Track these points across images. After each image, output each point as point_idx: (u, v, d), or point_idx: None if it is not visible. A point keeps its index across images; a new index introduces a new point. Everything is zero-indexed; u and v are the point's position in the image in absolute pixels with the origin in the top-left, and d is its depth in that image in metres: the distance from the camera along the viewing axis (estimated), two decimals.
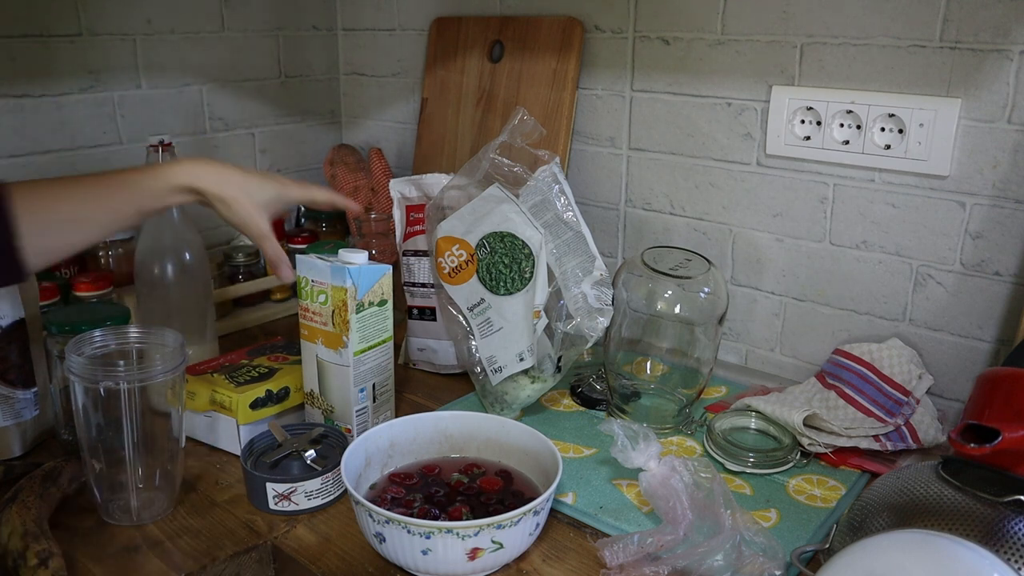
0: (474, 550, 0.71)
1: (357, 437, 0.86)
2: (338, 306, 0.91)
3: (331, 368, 0.93)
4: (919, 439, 0.92)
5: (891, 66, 0.97)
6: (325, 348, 0.93)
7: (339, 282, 0.90)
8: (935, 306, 1.00)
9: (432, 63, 1.39)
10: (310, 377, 0.96)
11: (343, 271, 0.90)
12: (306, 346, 0.95)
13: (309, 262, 0.92)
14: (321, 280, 0.91)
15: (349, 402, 0.93)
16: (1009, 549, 0.59)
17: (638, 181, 1.22)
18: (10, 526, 0.75)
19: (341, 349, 0.92)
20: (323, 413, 0.95)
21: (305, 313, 0.94)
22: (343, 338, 0.91)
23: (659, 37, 1.14)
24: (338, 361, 0.92)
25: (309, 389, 0.96)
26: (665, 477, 0.78)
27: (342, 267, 0.90)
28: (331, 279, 0.91)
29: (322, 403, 0.95)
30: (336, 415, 0.95)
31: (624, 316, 1.00)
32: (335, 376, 0.93)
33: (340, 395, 0.94)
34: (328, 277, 0.91)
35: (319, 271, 0.92)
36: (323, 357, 0.93)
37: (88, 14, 1.23)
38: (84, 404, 0.79)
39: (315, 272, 0.92)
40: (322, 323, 0.92)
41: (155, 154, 1.00)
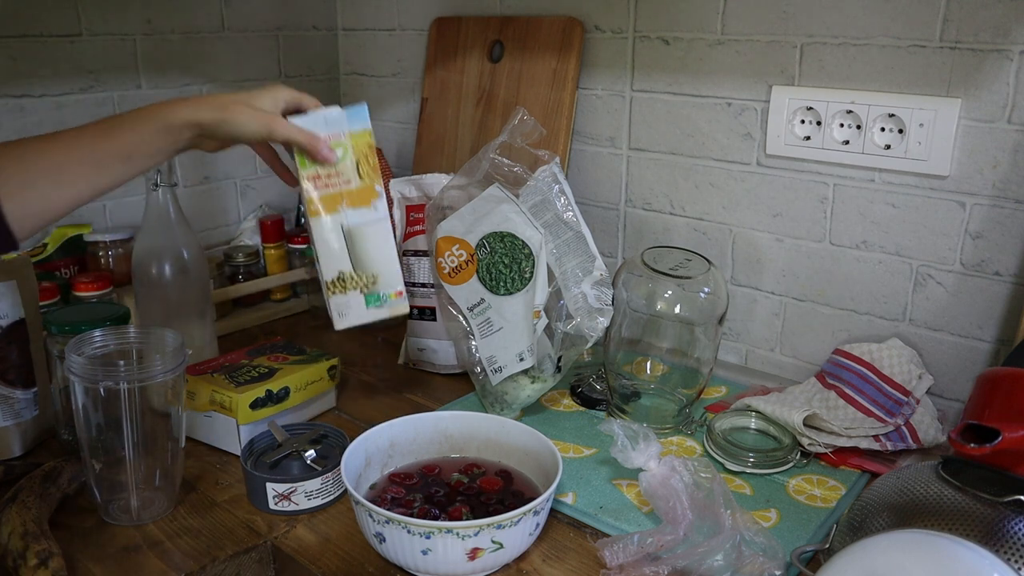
0: (474, 550, 0.71)
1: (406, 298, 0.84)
2: (363, 153, 0.83)
3: (365, 231, 0.84)
4: (919, 439, 0.92)
5: (891, 66, 0.97)
6: (353, 210, 0.84)
7: (359, 126, 0.83)
8: (935, 306, 1.00)
9: (432, 63, 1.39)
10: (334, 258, 0.85)
11: (360, 112, 0.83)
12: (323, 223, 0.84)
13: (310, 119, 0.83)
14: (336, 132, 0.83)
15: (393, 259, 0.86)
16: (1009, 549, 0.59)
17: (638, 181, 1.22)
18: (10, 526, 0.75)
19: (375, 201, 0.84)
20: (362, 291, 0.86)
21: (318, 182, 0.83)
22: (375, 187, 0.84)
23: (659, 37, 1.14)
24: (372, 218, 0.84)
25: (336, 274, 0.85)
26: (665, 477, 0.78)
27: (357, 109, 0.83)
28: (349, 125, 0.83)
29: (359, 280, 0.86)
30: (381, 284, 0.86)
31: (624, 316, 1.00)
32: (372, 237, 0.85)
33: (383, 256, 0.85)
34: (344, 125, 0.83)
35: (331, 123, 0.83)
36: (352, 222, 0.84)
37: (88, 14, 1.23)
38: (84, 404, 0.79)
39: (326, 126, 0.83)
40: (344, 182, 0.84)
41: None
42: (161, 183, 1.01)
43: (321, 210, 0.84)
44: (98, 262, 1.22)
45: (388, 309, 0.88)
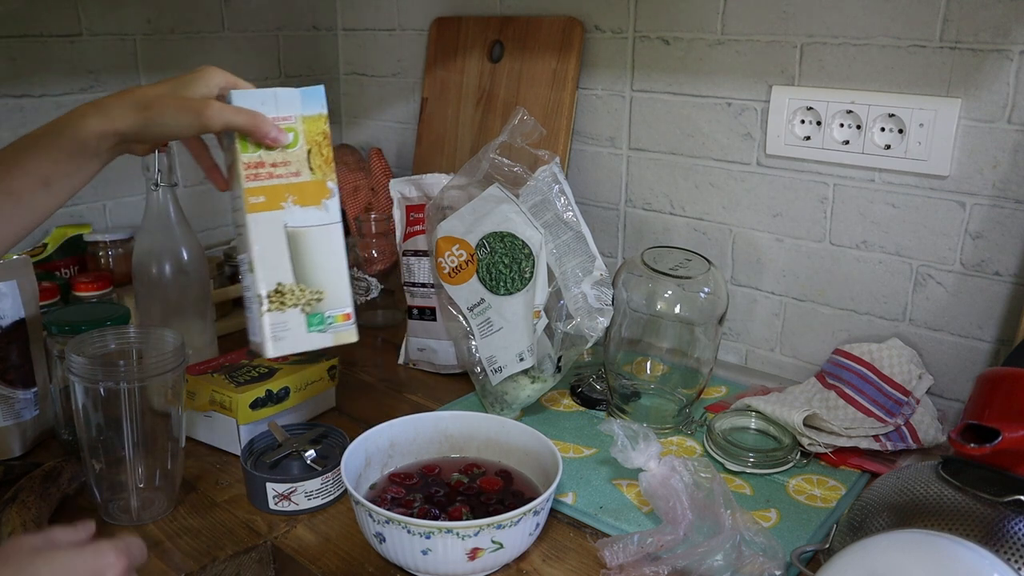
0: (474, 550, 0.71)
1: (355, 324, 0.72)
2: (316, 142, 0.71)
3: (313, 235, 0.71)
4: (919, 439, 0.92)
5: (891, 66, 0.97)
6: (300, 208, 0.70)
7: (314, 109, 0.71)
8: (935, 306, 1.00)
9: (432, 63, 1.39)
10: (274, 266, 0.70)
11: (316, 94, 0.71)
12: (263, 221, 0.70)
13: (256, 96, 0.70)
14: (287, 114, 0.70)
15: (344, 273, 0.72)
16: (1009, 549, 0.59)
17: (638, 181, 1.22)
18: (10, 526, 0.75)
19: (327, 200, 0.71)
20: (304, 310, 0.71)
21: (259, 171, 0.70)
22: (328, 184, 0.71)
23: (659, 37, 1.14)
24: (322, 220, 0.71)
25: (274, 286, 0.70)
26: (665, 477, 0.78)
27: (313, 90, 0.71)
28: (302, 108, 0.71)
29: (301, 295, 0.71)
30: (327, 302, 0.72)
31: (624, 316, 1.00)
32: (321, 243, 0.71)
33: (332, 269, 0.72)
34: (297, 107, 0.71)
35: (282, 103, 0.70)
36: (298, 223, 0.70)
37: (88, 14, 1.23)
38: (84, 404, 0.79)
39: (276, 106, 0.70)
40: (292, 173, 0.71)
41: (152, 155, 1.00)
42: (161, 183, 1.01)
43: (260, 204, 0.70)
44: (98, 262, 1.22)
45: (332, 335, 0.73)
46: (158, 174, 1.00)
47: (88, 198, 1.29)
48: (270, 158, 0.70)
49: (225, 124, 0.70)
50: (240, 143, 0.71)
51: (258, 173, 0.70)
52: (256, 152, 0.70)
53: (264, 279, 0.70)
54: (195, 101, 0.70)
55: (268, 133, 0.70)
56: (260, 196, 0.70)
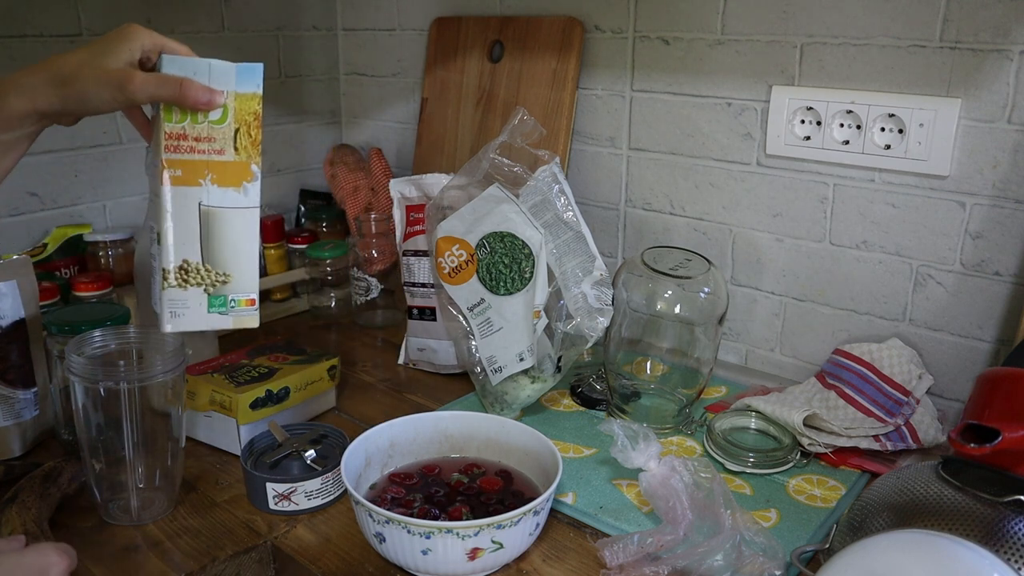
0: (474, 550, 0.71)
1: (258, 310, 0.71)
2: (245, 122, 0.70)
3: (227, 217, 0.70)
4: (919, 439, 0.92)
5: (891, 66, 0.97)
6: (218, 188, 0.69)
7: (248, 87, 0.69)
8: (935, 306, 1.00)
9: (432, 63, 1.39)
10: (183, 242, 0.69)
11: (253, 72, 0.69)
12: (177, 196, 0.68)
13: (187, 64, 0.68)
14: (219, 89, 0.68)
15: (254, 259, 0.71)
16: (1009, 549, 0.59)
17: (638, 181, 1.22)
18: (10, 526, 0.75)
19: (248, 183, 0.70)
20: (207, 290, 0.71)
21: (181, 143, 0.68)
22: (251, 167, 0.70)
23: (659, 37, 1.14)
24: (239, 203, 0.70)
25: (180, 262, 0.69)
26: (665, 477, 0.78)
27: (251, 67, 0.69)
28: (236, 84, 0.69)
29: (207, 275, 0.70)
30: (232, 286, 0.71)
31: (624, 316, 1.00)
32: (235, 226, 0.70)
33: (242, 253, 0.71)
34: (231, 82, 0.68)
35: (215, 76, 0.67)
36: (214, 203, 0.69)
37: (88, 14, 1.23)
38: (84, 404, 0.79)
39: (207, 79, 0.67)
40: (215, 150, 0.69)
41: None
42: None
43: (178, 178, 0.68)
44: (98, 262, 1.23)
45: (233, 318, 0.73)
46: None
47: (88, 198, 1.29)
48: (194, 131, 0.68)
49: (150, 97, 0.67)
50: (164, 110, 0.68)
51: (179, 145, 0.68)
52: (181, 123, 0.67)
53: (171, 254, 0.69)
54: (117, 72, 0.66)
55: (197, 96, 0.67)
56: (178, 169, 0.68)
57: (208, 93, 0.68)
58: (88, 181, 1.28)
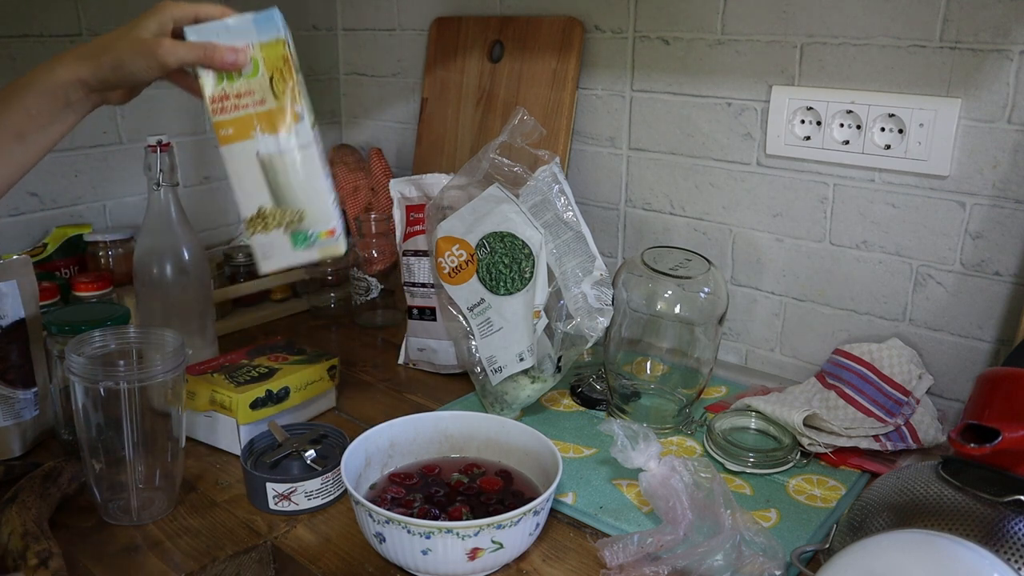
0: (474, 550, 0.71)
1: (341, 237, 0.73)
2: (277, 68, 0.71)
3: (285, 159, 0.73)
4: (919, 439, 0.92)
5: (891, 66, 0.97)
6: (270, 135, 0.72)
7: (269, 35, 0.71)
8: (935, 306, 1.00)
9: (432, 63, 1.39)
10: (251, 192, 0.73)
11: (270, 19, 0.70)
12: (234, 152, 0.72)
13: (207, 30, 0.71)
14: (243, 44, 0.70)
15: (323, 192, 0.74)
16: (1009, 549, 0.59)
17: (638, 181, 1.22)
18: (10, 526, 0.75)
19: (296, 125, 0.72)
20: (287, 230, 0.74)
21: (224, 103, 0.71)
22: (295, 109, 0.72)
23: (659, 37, 1.14)
24: (293, 144, 0.73)
25: (255, 210, 0.73)
26: (665, 477, 0.78)
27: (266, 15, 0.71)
28: (257, 35, 0.70)
29: (282, 217, 0.74)
30: (308, 221, 0.74)
31: (624, 316, 1.00)
32: (295, 167, 0.73)
33: (310, 189, 0.73)
34: (252, 35, 0.70)
35: (235, 33, 0.70)
36: (269, 150, 0.72)
37: (88, 14, 1.23)
38: (84, 404, 0.79)
39: (231, 36, 0.70)
40: (257, 102, 0.72)
41: (154, 154, 1.00)
42: (163, 183, 1.01)
43: (231, 136, 0.71)
44: (98, 262, 1.23)
45: (318, 250, 0.76)
46: (160, 174, 1.01)
47: (88, 198, 1.29)
48: (233, 89, 0.71)
49: (179, 61, 0.71)
50: (203, 78, 0.71)
51: (224, 106, 0.71)
52: (220, 85, 0.71)
53: (245, 205, 0.73)
54: (148, 41, 0.70)
55: (223, 58, 0.71)
56: (229, 128, 0.71)
57: (232, 53, 0.71)
58: (88, 181, 1.28)
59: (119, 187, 1.32)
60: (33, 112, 0.71)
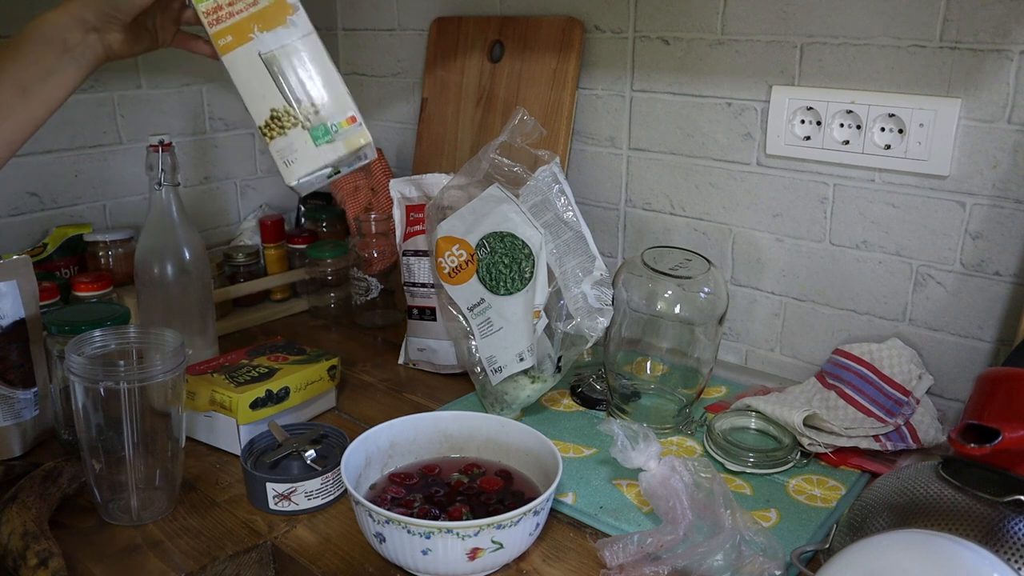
0: (474, 550, 0.71)
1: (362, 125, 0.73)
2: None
3: (287, 53, 0.72)
4: (919, 439, 0.92)
5: (891, 66, 0.97)
6: (268, 33, 0.71)
7: None
8: (935, 306, 1.00)
9: (432, 63, 1.39)
10: (261, 96, 0.71)
11: None
12: (236, 58, 0.71)
13: None
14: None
15: (334, 80, 0.73)
16: (1009, 549, 0.59)
17: (638, 181, 1.22)
18: (10, 526, 0.75)
19: (291, 17, 0.72)
20: (304, 126, 0.73)
21: (219, 14, 0.71)
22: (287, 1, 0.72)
23: (659, 37, 1.14)
24: (293, 36, 0.72)
25: (268, 114, 0.71)
26: (665, 477, 0.78)
27: None
28: None
29: (298, 113, 0.72)
30: (325, 112, 0.73)
31: (624, 316, 1.00)
32: (298, 59, 0.72)
33: (319, 79, 0.73)
34: None
35: None
36: (270, 47, 0.71)
37: None
38: (84, 404, 0.79)
39: None
40: (250, 5, 0.71)
41: (155, 154, 1.01)
42: (164, 183, 1.01)
43: (231, 44, 0.71)
44: (98, 262, 1.23)
45: (343, 142, 0.74)
46: (162, 174, 1.01)
47: (88, 198, 1.29)
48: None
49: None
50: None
51: (219, 16, 0.71)
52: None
53: (257, 112, 0.71)
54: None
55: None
56: (227, 37, 0.71)
57: None
58: (88, 181, 1.28)
59: (119, 187, 1.32)
60: (32, 59, 0.69)
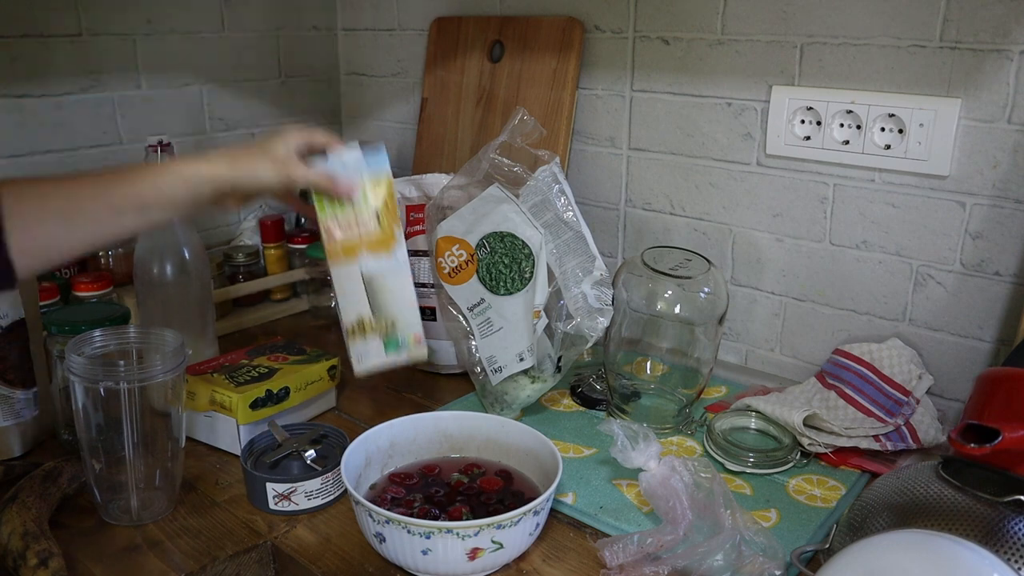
0: (474, 550, 0.71)
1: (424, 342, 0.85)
2: (382, 199, 0.84)
3: (383, 277, 0.85)
4: (919, 439, 0.92)
5: (891, 66, 0.97)
6: (372, 256, 0.84)
7: (378, 171, 0.83)
8: (935, 306, 1.00)
9: (432, 63, 1.39)
10: (354, 304, 0.84)
11: (378, 155, 0.83)
12: (343, 270, 0.83)
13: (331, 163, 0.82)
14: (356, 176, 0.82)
15: (412, 304, 0.86)
16: (1009, 549, 0.59)
17: (638, 181, 1.22)
18: (10, 526, 0.75)
19: (395, 247, 0.84)
20: (382, 336, 0.86)
21: (336, 227, 0.83)
22: (395, 233, 0.84)
23: (659, 37, 1.14)
24: (391, 266, 0.84)
25: (355, 320, 0.84)
26: (665, 477, 0.78)
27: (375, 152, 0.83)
28: (368, 169, 0.83)
29: (378, 325, 0.85)
30: (399, 328, 0.86)
31: (624, 316, 1.00)
32: (391, 283, 0.85)
33: (400, 301, 0.86)
34: (363, 169, 0.82)
35: (349, 167, 0.82)
36: (371, 270, 0.84)
37: (88, 14, 1.23)
38: (84, 404, 0.79)
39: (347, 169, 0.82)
40: (363, 228, 0.83)
41: (154, 154, 1.00)
42: None
43: (341, 257, 0.83)
44: (98, 262, 1.22)
45: (407, 354, 0.87)
46: None
47: None
48: (345, 218, 0.83)
49: (306, 181, 0.82)
50: (318, 206, 0.83)
51: (335, 230, 0.83)
52: (332, 212, 0.82)
53: (347, 315, 0.85)
54: (282, 157, 0.81)
55: (340, 188, 0.83)
56: (339, 250, 0.83)
57: (349, 185, 0.83)
58: None
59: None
60: (164, 190, 0.76)
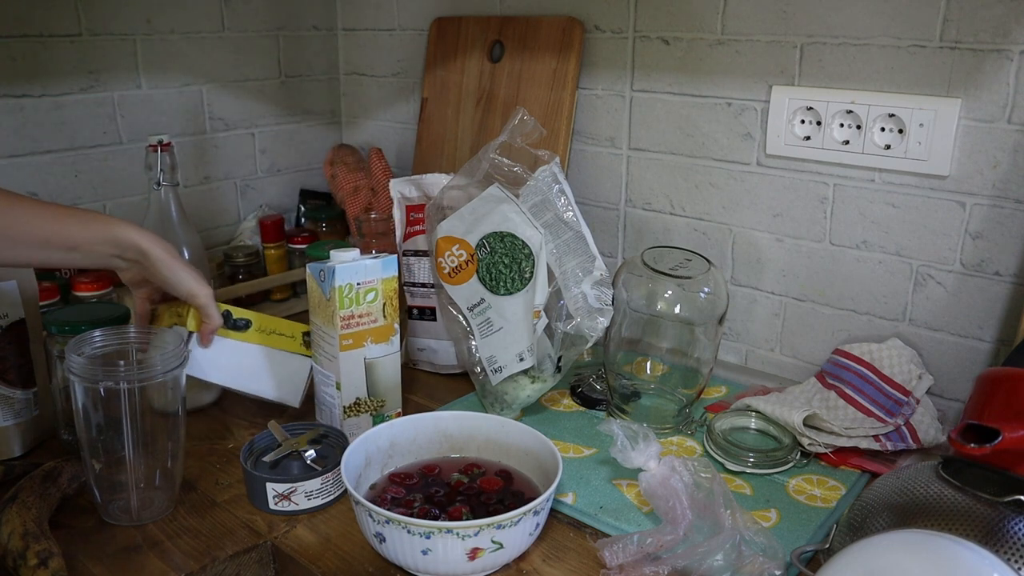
0: (474, 550, 0.71)
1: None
2: (389, 296, 0.94)
3: (381, 363, 0.95)
4: (919, 439, 0.92)
5: (891, 66, 0.97)
6: (375, 345, 0.94)
7: (388, 273, 0.93)
8: (935, 306, 1.00)
9: (432, 63, 1.39)
10: (355, 386, 0.94)
11: (391, 263, 0.94)
12: (351, 357, 0.93)
13: (346, 269, 0.91)
14: (370, 279, 0.92)
15: (398, 384, 0.97)
16: (1009, 549, 0.60)
17: (638, 181, 1.22)
18: (10, 526, 0.75)
19: (393, 337, 0.95)
20: (371, 414, 0.95)
21: (349, 322, 0.92)
22: (394, 325, 0.95)
23: (659, 37, 1.14)
24: (388, 351, 0.95)
25: (353, 400, 0.94)
26: (665, 477, 0.78)
27: (389, 260, 0.94)
28: (382, 273, 0.93)
29: (371, 404, 0.95)
30: (387, 407, 0.97)
31: (624, 316, 1.00)
32: (385, 368, 0.95)
33: (390, 384, 0.96)
34: (379, 273, 0.93)
35: (367, 271, 0.92)
36: (372, 356, 0.94)
37: (88, 14, 1.23)
38: (84, 404, 0.79)
39: (361, 274, 0.92)
40: (371, 321, 0.93)
41: (155, 154, 1.00)
42: (164, 182, 1.01)
43: (351, 345, 0.92)
44: None
45: None
46: (161, 174, 1.01)
47: (88, 198, 1.29)
48: (359, 311, 0.92)
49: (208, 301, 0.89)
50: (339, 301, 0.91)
51: (349, 323, 0.91)
52: (351, 306, 0.91)
53: (347, 395, 0.94)
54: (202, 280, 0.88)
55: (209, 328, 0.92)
56: (349, 339, 0.92)
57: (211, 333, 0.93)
58: (88, 181, 1.28)
59: (119, 187, 1.32)
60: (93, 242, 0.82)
